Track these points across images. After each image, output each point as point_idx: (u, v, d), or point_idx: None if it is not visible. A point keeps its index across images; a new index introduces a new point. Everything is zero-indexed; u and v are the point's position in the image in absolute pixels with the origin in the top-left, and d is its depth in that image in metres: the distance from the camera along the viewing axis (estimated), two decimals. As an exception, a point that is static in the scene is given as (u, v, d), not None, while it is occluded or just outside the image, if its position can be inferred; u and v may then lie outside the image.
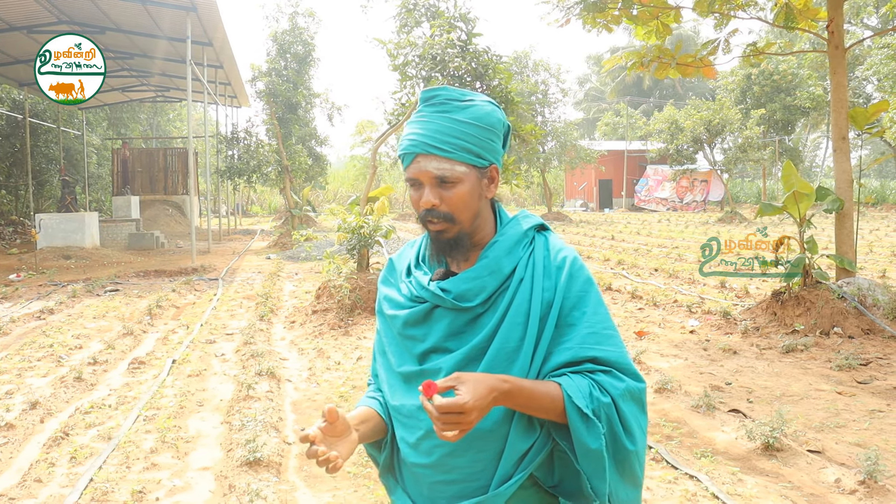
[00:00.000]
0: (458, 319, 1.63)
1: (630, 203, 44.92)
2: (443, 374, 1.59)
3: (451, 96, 1.65)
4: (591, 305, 1.63)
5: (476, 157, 1.62)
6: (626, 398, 1.57)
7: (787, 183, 8.38)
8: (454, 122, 1.61)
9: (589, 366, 1.58)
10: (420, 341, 1.66)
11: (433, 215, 1.61)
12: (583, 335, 1.59)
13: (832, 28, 8.65)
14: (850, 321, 7.82)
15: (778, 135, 33.70)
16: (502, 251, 1.64)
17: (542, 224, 1.74)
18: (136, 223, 23.35)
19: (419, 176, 1.62)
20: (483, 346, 1.59)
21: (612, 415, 1.54)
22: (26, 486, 4.36)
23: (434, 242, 1.66)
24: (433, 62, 10.51)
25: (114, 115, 36.50)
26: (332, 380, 6.78)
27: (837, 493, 4.10)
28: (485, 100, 1.68)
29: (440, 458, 1.58)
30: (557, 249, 1.68)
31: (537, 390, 1.52)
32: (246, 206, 48.76)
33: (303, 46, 25.96)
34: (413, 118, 1.68)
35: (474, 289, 1.61)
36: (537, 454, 1.58)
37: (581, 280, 1.64)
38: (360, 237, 10.13)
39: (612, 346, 1.60)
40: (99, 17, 18.12)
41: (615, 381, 1.57)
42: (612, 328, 1.64)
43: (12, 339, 8.67)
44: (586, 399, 1.51)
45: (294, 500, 4.20)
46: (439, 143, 1.59)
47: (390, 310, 1.74)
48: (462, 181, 1.60)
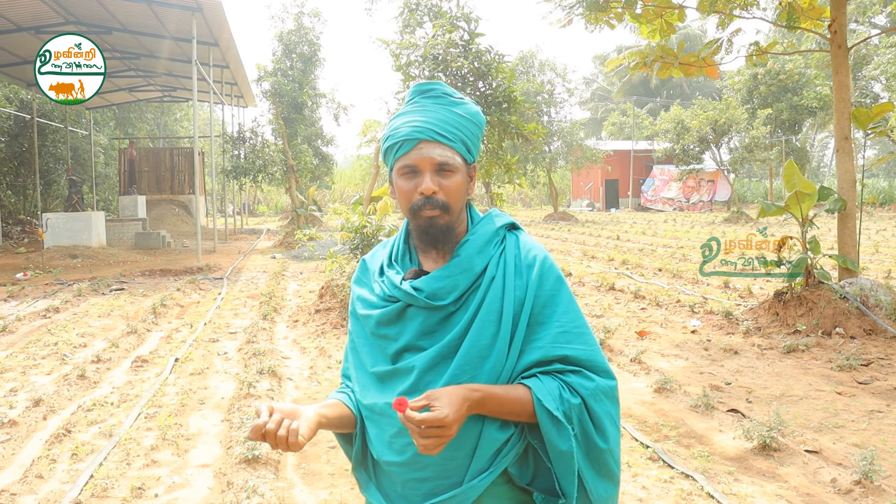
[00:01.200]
0: (431, 318, 1.63)
1: (636, 203, 44.85)
2: (415, 371, 1.60)
3: (446, 90, 1.69)
4: (562, 304, 1.64)
5: (468, 152, 1.66)
6: (598, 397, 1.58)
7: (790, 183, 8.37)
8: (454, 114, 1.64)
9: (559, 365, 1.59)
10: (393, 340, 1.66)
11: (430, 203, 1.60)
12: (553, 334, 1.60)
13: (834, 27, 8.63)
14: (852, 321, 7.81)
15: (785, 135, 33.59)
16: (474, 249, 1.65)
17: (513, 223, 1.76)
18: (143, 222, 23.45)
19: (420, 162, 1.61)
20: (455, 343, 1.59)
21: (582, 415, 1.56)
22: (27, 482, 4.41)
23: (426, 231, 1.64)
24: (435, 62, 10.53)
25: (121, 114, 36.66)
26: (333, 378, 6.81)
27: (833, 492, 4.10)
28: (470, 100, 1.72)
29: (413, 457, 1.58)
30: (528, 248, 1.69)
31: (508, 396, 1.54)
32: (252, 205, 48.88)
33: (308, 46, 26.04)
34: (406, 108, 1.68)
35: (446, 287, 1.61)
36: (511, 449, 1.59)
37: (552, 278, 1.66)
38: (362, 237, 10.16)
39: (582, 344, 1.61)
40: (106, 18, 18.20)
41: (585, 381, 1.58)
42: (584, 326, 1.65)
43: (18, 336, 8.74)
44: (556, 402, 1.53)
45: (291, 497, 4.23)
46: (443, 131, 1.61)
47: (363, 309, 1.74)
48: (458, 171, 1.63)
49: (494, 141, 11.32)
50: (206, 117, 37.70)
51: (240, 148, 24.32)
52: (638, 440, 4.99)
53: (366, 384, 1.71)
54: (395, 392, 1.61)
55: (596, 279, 12.61)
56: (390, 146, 1.66)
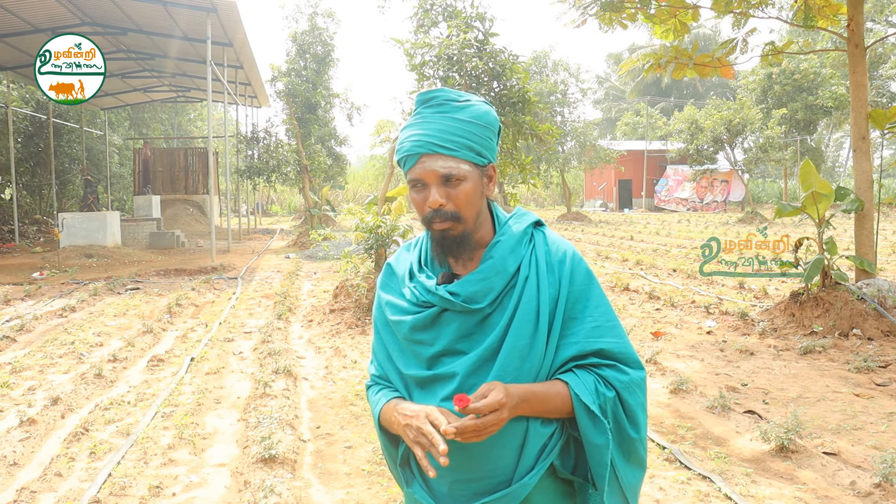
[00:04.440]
0: (468, 321, 1.64)
1: (650, 203, 44.67)
2: (458, 377, 1.61)
3: (448, 97, 1.67)
4: (593, 298, 1.67)
5: (477, 156, 1.64)
6: (631, 389, 1.64)
7: (806, 183, 8.31)
8: (455, 120, 1.63)
9: (593, 359, 1.63)
10: (429, 345, 1.66)
11: (439, 215, 1.61)
12: (587, 329, 1.64)
13: (852, 27, 8.56)
14: (869, 323, 7.75)
15: (800, 134, 33.37)
16: (506, 250, 1.66)
17: (539, 220, 1.76)
18: (157, 222, 23.58)
19: (424, 176, 1.62)
20: (495, 346, 1.61)
21: (616, 408, 1.62)
22: (47, 480, 4.44)
23: (439, 243, 1.65)
24: (450, 62, 10.53)
25: (135, 115, 36.90)
26: (349, 378, 6.83)
27: (852, 495, 4.07)
28: (479, 100, 1.71)
29: (460, 458, 1.59)
30: (556, 244, 1.71)
31: (549, 392, 1.58)
32: (266, 205, 49.06)
33: (322, 47, 26.13)
34: (411, 120, 1.69)
35: (483, 290, 1.62)
36: (556, 444, 1.63)
37: (582, 273, 1.68)
38: (377, 237, 10.17)
39: (614, 337, 1.65)
40: (121, 19, 18.33)
41: (619, 374, 1.63)
42: (614, 319, 1.69)
43: (35, 336, 8.81)
44: (592, 396, 1.58)
45: (308, 496, 4.24)
46: (443, 142, 1.60)
47: (394, 315, 1.74)
48: (466, 179, 1.61)
49: (509, 141, 11.31)
50: (219, 117, 37.89)
51: (253, 148, 24.42)
52: (655, 441, 4.97)
53: (405, 389, 1.72)
54: (438, 398, 1.62)
55: (610, 279, 12.57)
56: (399, 160, 1.68)
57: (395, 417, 1.61)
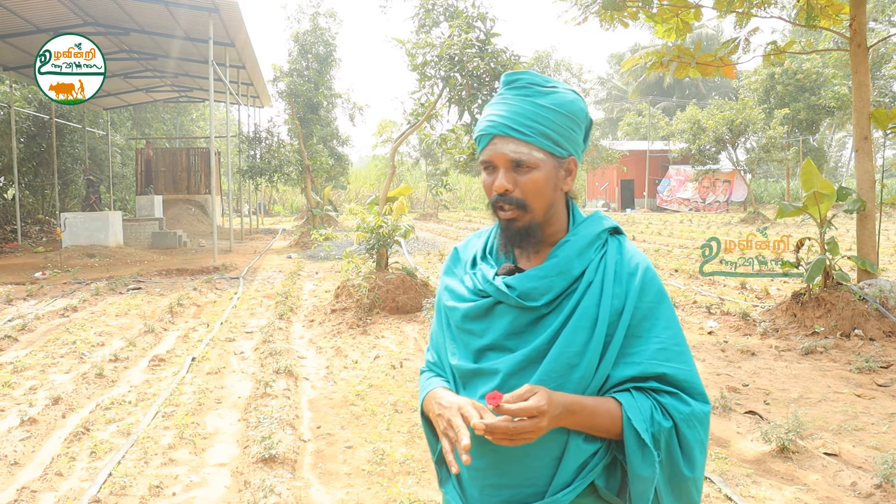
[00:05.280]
0: (521, 318, 1.56)
1: (652, 203, 44.65)
2: (500, 375, 1.54)
3: (533, 80, 1.59)
4: (662, 318, 1.56)
5: (555, 145, 1.55)
6: (691, 423, 1.51)
7: (807, 183, 8.30)
8: (536, 105, 1.55)
9: (654, 384, 1.51)
10: (478, 336, 1.60)
11: (505, 201, 1.54)
12: (652, 350, 1.52)
13: (854, 26, 8.55)
14: (871, 323, 7.74)
15: (802, 134, 33.31)
16: (573, 251, 1.57)
17: (617, 227, 1.67)
18: (160, 222, 23.60)
19: (494, 158, 1.55)
20: (544, 348, 1.53)
21: (671, 440, 1.49)
22: (47, 480, 4.44)
23: (503, 231, 1.59)
24: (451, 62, 10.52)
25: (138, 115, 36.94)
26: (349, 378, 6.83)
27: (853, 496, 4.06)
28: (568, 88, 1.62)
29: (492, 461, 1.54)
30: (631, 255, 1.61)
31: (598, 408, 1.48)
32: (268, 205, 49.09)
33: (324, 47, 26.14)
34: (493, 100, 1.62)
35: (540, 288, 1.54)
36: (598, 462, 1.53)
37: (653, 290, 1.57)
38: (378, 237, 10.18)
39: (681, 363, 1.53)
40: (123, 19, 18.35)
41: (680, 404, 1.51)
42: (683, 344, 1.56)
43: (37, 335, 8.82)
44: (646, 423, 1.47)
45: (308, 496, 4.24)
46: (518, 126, 1.53)
47: (450, 301, 1.69)
48: (538, 167, 1.54)
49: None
50: (222, 117, 37.97)
51: (256, 148, 24.45)
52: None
53: (451, 381, 1.67)
54: (478, 394, 1.56)
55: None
56: (475, 139, 1.62)
57: (432, 406, 1.57)
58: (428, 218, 36.84)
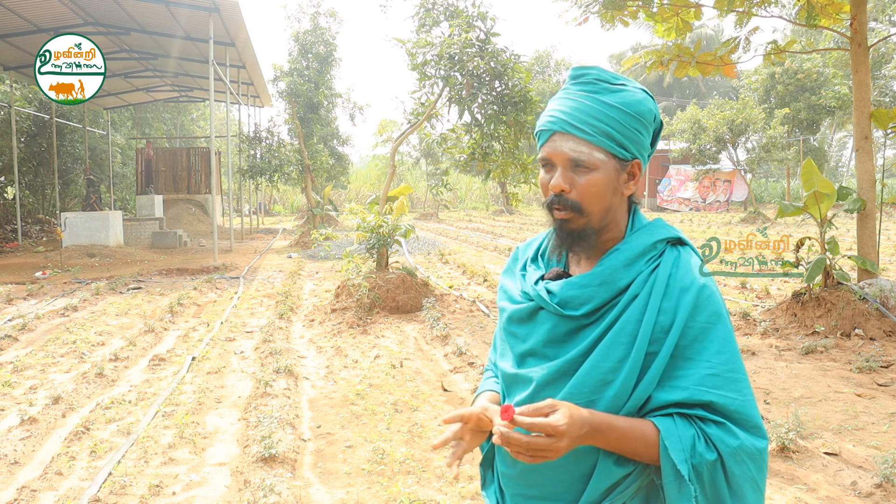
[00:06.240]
0: (560, 326, 1.49)
1: (652, 203, 44.63)
2: (533, 385, 1.49)
3: (601, 77, 1.52)
4: (716, 341, 1.42)
5: (618, 146, 1.47)
6: (740, 458, 1.36)
7: (808, 182, 8.29)
8: (600, 103, 1.47)
9: (700, 411, 1.38)
10: (522, 340, 1.55)
11: (560, 202, 1.47)
12: (701, 375, 1.39)
13: (855, 26, 8.54)
14: (871, 323, 7.73)
15: (802, 134, 33.31)
16: (621, 262, 1.48)
17: (680, 237, 1.55)
18: (160, 222, 23.59)
19: (552, 156, 1.49)
20: (578, 361, 1.45)
21: (716, 475, 1.36)
22: (47, 479, 4.45)
23: (557, 233, 1.52)
24: (451, 61, 10.52)
25: (138, 114, 36.96)
26: (350, 378, 6.83)
27: (853, 495, 4.06)
28: (638, 87, 1.53)
29: (522, 471, 1.50)
30: (688, 269, 1.49)
31: (632, 431, 1.37)
32: (268, 205, 49.10)
33: (324, 46, 26.14)
34: (557, 95, 1.56)
35: (581, 297, 1.47)
36: (631, 484, 1.44)
37: (709, 310, 1.44)
38: (378, 236, 10.18)
39: (734, 392, 1.39)
40: (124, 19, 18.36)
41: (728, 436, 1.37)
42: (739, 371, 1.42)
43: (37, 335, 8.82)
44: (685, 453, 1.35)
45: (308, 496, 4.24)
46: (579, 123, 1.46)
47: (502, 301, 1.65)
48: (598, 168, 1.46)
49: (510, 141, 11.30)
50: (222, 117, 37.96)
51: (256, 148, 24.45)
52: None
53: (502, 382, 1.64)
54: (515, 402, 1.53)
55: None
56: (535, 134, 1.56)
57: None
58: (428, 218, 36.83)
